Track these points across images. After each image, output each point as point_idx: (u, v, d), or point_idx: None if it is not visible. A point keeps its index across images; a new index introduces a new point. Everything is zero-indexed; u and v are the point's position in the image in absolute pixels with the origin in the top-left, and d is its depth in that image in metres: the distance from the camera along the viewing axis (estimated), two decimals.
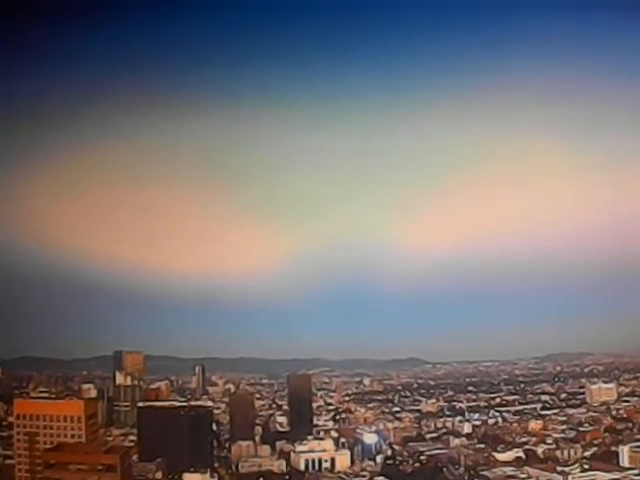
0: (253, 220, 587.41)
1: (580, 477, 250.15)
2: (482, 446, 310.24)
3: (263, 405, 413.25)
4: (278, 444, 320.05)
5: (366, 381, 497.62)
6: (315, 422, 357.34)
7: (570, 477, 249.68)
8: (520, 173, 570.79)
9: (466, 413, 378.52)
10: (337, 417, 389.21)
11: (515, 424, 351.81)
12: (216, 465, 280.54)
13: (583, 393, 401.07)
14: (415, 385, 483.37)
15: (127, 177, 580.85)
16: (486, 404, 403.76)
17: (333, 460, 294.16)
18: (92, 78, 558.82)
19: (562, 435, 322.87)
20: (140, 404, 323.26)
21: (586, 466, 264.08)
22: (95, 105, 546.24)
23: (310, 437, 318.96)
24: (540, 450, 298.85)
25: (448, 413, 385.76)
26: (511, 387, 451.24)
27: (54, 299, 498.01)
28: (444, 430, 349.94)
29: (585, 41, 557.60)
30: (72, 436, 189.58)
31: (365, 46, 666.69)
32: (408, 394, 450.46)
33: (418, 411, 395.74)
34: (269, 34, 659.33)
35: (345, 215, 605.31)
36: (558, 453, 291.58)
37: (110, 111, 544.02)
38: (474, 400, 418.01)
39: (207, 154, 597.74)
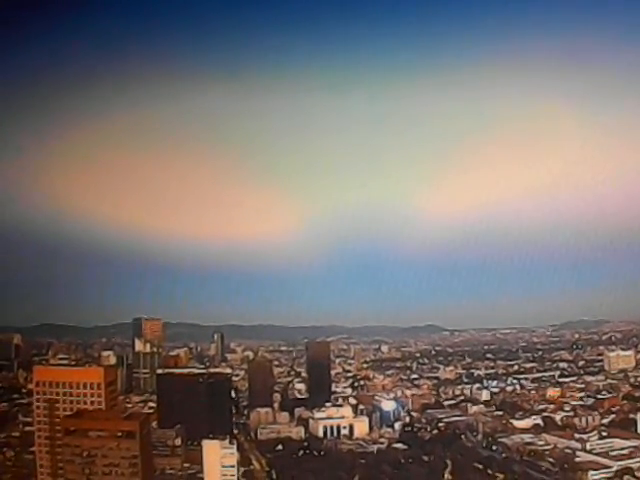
0: (271, 187, 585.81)
1: (598, 444, 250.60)
2: (500, 413, 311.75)
3: (282, 372, 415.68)
4: (297, 411, 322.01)
5: (384, 348, 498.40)
6: (333, 389, 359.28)
7: (588, 444, 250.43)
8: (536, 139, 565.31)
9: (484, 380, 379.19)
10: (355, 384, 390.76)
11: (533, 391, 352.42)
12: (235, 432, 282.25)
13: (601, 360, 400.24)
14: (433, 352, 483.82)
15: (142, 144, 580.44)
16: (504, 371, 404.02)
17: (351, 427, 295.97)
18: (106, 48, 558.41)
19: (580, 402, 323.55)
20: (159, 371, 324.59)
21: (604, 433, 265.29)
22: (108, 74, 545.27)
23: (328, 404, 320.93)
24: (558, 417, 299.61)
25: (466, 380, 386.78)
26: (529, 354, 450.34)
27: (73, 266, 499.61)
28: (462, 397, 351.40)
29: (598, 3, 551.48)
30: (92, 403, 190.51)
31: (374, 10, 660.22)
32: (426, 361, 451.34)
33: (436, 378, 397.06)
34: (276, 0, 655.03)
35: (362, 181, 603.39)
36: (576, 420, 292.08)
37: (123, 80, 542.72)
38: (492, 367, 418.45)
39: (218, 121, 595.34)
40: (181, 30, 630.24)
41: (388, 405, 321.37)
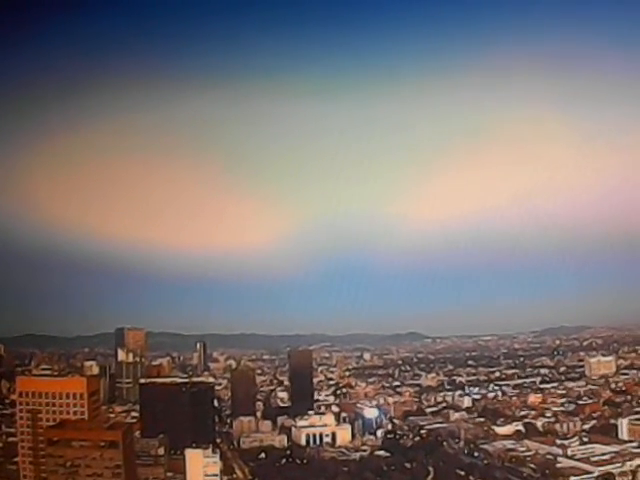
0: (253, 195, 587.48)
1: (579, 450, 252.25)
2: (482, 420, 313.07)
3: (264, 381, 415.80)
4: (279, 419, 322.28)
5: (366, 356, 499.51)
6: (316, 397, 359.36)
7: (569, 450, 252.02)
8: (522, 143, 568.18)
9: (466, 387, 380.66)
10: (338, 392, 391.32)
11: (514, 398, 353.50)
12: (218, 441, 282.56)
13: (582, 366, 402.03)
14: (415, 359, 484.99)
15: (125, 154, 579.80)
16: (486, 378, 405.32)
17: (334, 435, 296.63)
18: (89, 55, 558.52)
19: (561, 408, 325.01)
20: (142, 381, 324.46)
21: (585, 439, 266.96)
22: (92, 82, 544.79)
23: (311, 412, 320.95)
24: (539, 423, 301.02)
25: (448, 387, 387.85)
26: (510, 361, 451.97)
27: (56, 277, 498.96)
28: (444, 404, 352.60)
29: (587, 7, 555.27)
30: (75, 413, 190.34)
31: (365, 17, 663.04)
32: (408, 368, 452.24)
33: (418, 385, 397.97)
34: (265, 5, 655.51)
35: (345, 188, 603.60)
36: (557, 426, 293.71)
37: (107, 88, 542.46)
38: (474, 374, 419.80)
39: (204, 128, 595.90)
40: (168, 37, 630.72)
41: (370, 413, 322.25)
